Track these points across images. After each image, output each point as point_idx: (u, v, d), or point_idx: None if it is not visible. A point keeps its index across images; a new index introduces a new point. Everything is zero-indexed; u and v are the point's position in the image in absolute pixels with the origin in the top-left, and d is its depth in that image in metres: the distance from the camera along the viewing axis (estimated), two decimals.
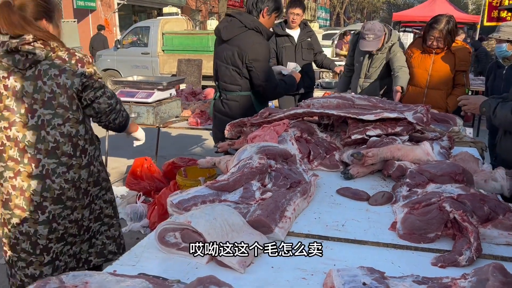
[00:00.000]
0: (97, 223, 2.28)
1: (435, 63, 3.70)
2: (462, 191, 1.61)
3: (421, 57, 3.79)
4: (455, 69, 3.65)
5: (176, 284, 1.11)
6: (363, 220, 1.67)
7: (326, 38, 15.64)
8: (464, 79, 3.64)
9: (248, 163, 1.88)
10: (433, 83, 3.71)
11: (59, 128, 2.03)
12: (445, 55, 3.67)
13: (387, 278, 1.20)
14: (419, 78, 3.79)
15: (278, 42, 4.78)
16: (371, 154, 2.04)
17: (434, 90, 3.72)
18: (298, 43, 4.77)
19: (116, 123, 2.23)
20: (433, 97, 3.68)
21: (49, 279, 1.02)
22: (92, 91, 2.08)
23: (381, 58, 4.07)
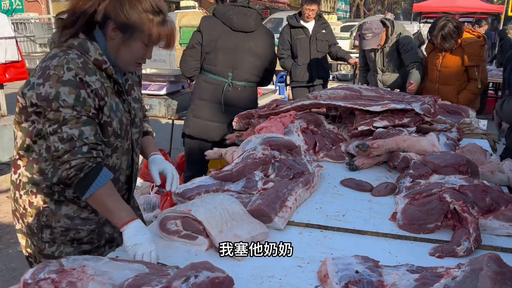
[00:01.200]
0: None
1: (444, 59, 3.66)
2: (465, 182, 1.60)
3: (433, 53, 3.79)
4: (465, 65, 3.58)
5: (171, 269, 1.14)
6: (364, 211, 1.68)
7: (345, 30, 15.42)
8: (476, 73, 3.58)
9: (252, 154, 1.90)
10: (443, 79, 3.68)
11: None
12: (455, 51, 3.61)
13: (381, 267, 1.21)
14: (431, 73, 3.80)
15: (292, 34, 4.79)
16: (376, 145, 2.04)
17: (445, 85, 3.68)
18: (312, 35, 4.77)
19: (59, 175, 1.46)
20: (444, 92, 3.64)
21: (50, 262, 1.07)
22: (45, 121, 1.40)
23: (391, 49, 4.03)
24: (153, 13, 1.42)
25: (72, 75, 1.36)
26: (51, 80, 1.35)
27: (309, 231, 1.54)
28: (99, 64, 1.45)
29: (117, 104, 1.53)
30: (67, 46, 1.42)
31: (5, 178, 4.84)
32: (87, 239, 1.58)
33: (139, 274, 1.04)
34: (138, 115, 1.66)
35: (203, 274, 1.03)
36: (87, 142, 1.37)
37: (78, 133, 1.36)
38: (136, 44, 1.46)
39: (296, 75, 4.85)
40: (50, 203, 1.53)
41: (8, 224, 3.79)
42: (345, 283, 1.13)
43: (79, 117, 1.36)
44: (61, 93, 1.34)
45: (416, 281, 1.11)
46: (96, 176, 1.37)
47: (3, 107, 4.58)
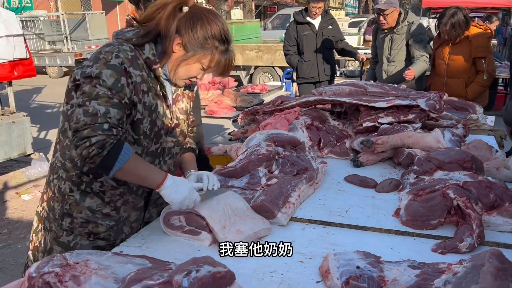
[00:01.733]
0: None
1: (452, 52, 3.65)
2: (469, 178, 1.59)
3: (441, 47, 3.77)
4: (472, 56, 3.56)
5: (173, 263, 1.15)
6: (367, 207, 1.68)
7: (353, 26, 15.35)
8: (484, 65, 3.55)
9: (256, 150, 1.91)
10: (451, 72, 3.66)
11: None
12: (461, 43, 3.60)
13: (383, 262, 1.21)
14: (439, 68, 3.78)
15: (298, 30, 4.77)
16: (381, 141, 2.03)
17: (453, 79, 3.66)
18: (318, 31, 4.74)
19: (78, 154, 1.39)
20: (452, 85, 3.62)
21: (54, 256, 1.08)
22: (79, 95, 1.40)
23: (400, 39, 3.98)
24: (219, 41, 1.46)
25: (118, 62, 1.40)
26: (99, 63, 1.39)
27: (312, 227, 1.55)
28: (149, 63, 1.49)
29: (158, 105, 1.53)
30: (125, 39, 1.47)
31: (14, 174, 4.91)
32: (104, 234, 1.58)
33: (141, 268, 1.06)
34: (181, 126, 1.66)
35: (205, 269, 1.04)
36: (109, 121, 1.36)
37: (104, 111, 1.35)
38: (194, 65, 1.49)
39: (303, 71, 4.83)
40: (76, 192, 1.53)
41: (17, 220, 3.85)
42: (346, 279, 1.13)
43: (111, 98, 1.37)
44: (103, 73, 1.37)
45: (417, 276, 1.11)
46: (119, 151, 1.36)
47: (12, 104, 4.64)
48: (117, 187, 1.55)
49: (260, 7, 22.51)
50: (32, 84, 10.40)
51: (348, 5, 37.29)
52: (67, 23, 12.23)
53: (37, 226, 1.65)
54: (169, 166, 1.66)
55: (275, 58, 9.57)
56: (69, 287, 0.97)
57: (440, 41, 3.79)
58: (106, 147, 1.34)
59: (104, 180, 1.53)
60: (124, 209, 1.60)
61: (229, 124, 6.93)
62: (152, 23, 1.47)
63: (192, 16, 1.45)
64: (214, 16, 1.46)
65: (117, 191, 1.56)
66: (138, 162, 1.44)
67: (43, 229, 1.61)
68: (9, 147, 4.40)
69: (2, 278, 2.99)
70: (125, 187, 1.56)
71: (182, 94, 1.67)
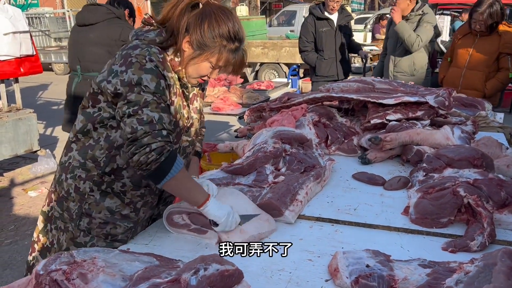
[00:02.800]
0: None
1: (478, 43, 3.53)
2: (480, 176, 1.56)
3: (466, 38, 3.64)
4: (499, 51, 3.45)
5: (180, 261, 1.15)
6: (376, 205, 1.66)
7: (359, 23, 15.25)
8: (509, 62, 3.44)
9: (263, 147, 1.90)
10: (473, 63, 3.54)
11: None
12: (490, 36, 3.48)
13: (392, 261, 1.19)
14: (460, 57, 3.64)
15: (317, 26, 4.52)
16: (389, 138, 2.01)
17: (473, 71, 3.54)
18: (337, 27, 4.55)
19: (135, 161, 1.35)
20: (470, 78, 3.52)
21: (61, 253, 1.08)
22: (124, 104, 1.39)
23: (412, 27, 3.93)
24: (228, 39, 1.43)
25: (153, 65, 1.39)
26: (134, 67, 1.37)
27: (320, 225, 1.54)
28: (174, 65, 1.48)
29: (181, 106, 1.53)
30: (149, 40, 1.45)
31: (20, 171, 4.93)
32: (121, 236, 1.56)
33: (148, 266, 1.05)
34: (195, 125, 1.65)
35: (213, 267, 1.03)
36: (165, 127, 1.37)
37: (158, 117, 1.36)
38: (203, 63, 1.46)
39: (322, 69, 4.55)
40: (96, 192, 1.52)
41: (24, 216, 3.86)
42: (356, 277, 1.12)
43: (159, 103, 1.38)
44: (143, 79, 1.37)
45: (428, 275, 1.09)
46: (175, 159, 1.37)
47: (18, 100, 4.65)
48: (138, 188, 1.54)
49: (266, 3, 22.43)
50: (38, 81, 10.43)
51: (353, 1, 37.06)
52: (73, 20, 12.24)
53: (44, 226, 1.62)
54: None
55: (281, 55, 9.53)
56: (77, 284, 0.96)
57: (465, 31, 3.66)
58: (164, 154, 1.34)
59: (126, 180, 1.52)
60: (143, 211, 1.59)
61: (234, 121, 6.91)
62: (171, 23, 1.46)
63: (202, 14, 1.43)
64: (224, 14, 1.44)
65: (138, 192, 1.54)
66: (187, 176, 1.45)
67: (54, 229, 1.59)
68: (16, 144, 4.41)
69: (9, 274, 3.00)
70: (146, 188, 1.55)
71: (197, 94, 1.66)
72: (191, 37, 1.43)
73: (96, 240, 1.54)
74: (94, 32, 3.60)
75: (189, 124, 1.60)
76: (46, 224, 1.62)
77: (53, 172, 4.79)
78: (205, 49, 1.43)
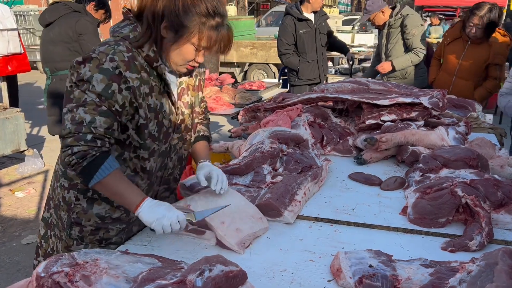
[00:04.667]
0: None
1: (468, 51, 3.46)
2: (476, 176, 1.58)
3: (456, 43, 3.56)
4: (489, 62, 3.41)
5: (184, 263, 1.13)
6: (373, 205, 1.67)
7: (346, 24, 15.36)
8: (498, 72, 3.41)
9: (260, 148, 1.89)
10: (462, 72, 3.49)
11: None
12: (481, 45, 3.41)
13: (394, 261, 1.20)
14: (450, 63, 3.59)
15: (297, 27, 4.33)
16: (385, 139, 2.02)
17: (462, 80, 3.51)
18: (316, 27, 4.42)
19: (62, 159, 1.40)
20: (460, 86, 3.47)
21: (62, 255, 1.06)
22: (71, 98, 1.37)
23: (395, 32, 3.96)
24: (207, 16, 1.33)
25: (112, 66, 1.31)
26: (92, 64, 1.31)
27: (319, 225, 1.54)
28: (150, 61, 1.39)
29: (163, 105, 1.46)
30: (122, 36, 1.38)
31: (7, 171, 4.83)
32: (115, 238, 1.53)
33: (153, 268, 1.04)
34: (186, 121, 1.57)
35: (218, 268, 1.02)
36: (93, 131, 1.30)
37: (89, 119, 1.30)
38: (185, 46, 1.36)
39: (305, 72, 4.41)
40: (82, 200, 1.47)
41: (11, 218, 3.79)
42: (359, 277, 1.12)
43: (99, 106, 1.31)
44: (93, 78, 1.30)
45: (431, 275, 1.10)
46: (100, 164, 1.31)
47: (5, 99, 4.56)
48: None
49: (253, 4, 22.42)
50: (23, 80, 10.25)
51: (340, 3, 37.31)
52: None
53: (46, 232, 1.59)
54: (174, 162, 1.61)
55: (270, 55, 9.54)
56: (80, 287, 0.95)
57: (455, 35, 3.57)
58: (87, 158, 1.30)
59: None
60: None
61: (224, 121, 6.90)
62: (146, 13, 1.36)
63: None
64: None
65: None
66: (119, 179, 1.35)
67: (53, 236, 1.56)
68: (3, 143, 4.32)
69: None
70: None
71: (187, 87, 1.58)
72: (168, 21, 1.33)
73: (90, 247, 1.50)
74: (53, 31, 3.60)
75: (179, 121, 1.54)
76: (47, 230, 1.59)
77: (40, 172, 4.71)
78: (184, 30, 1.34)
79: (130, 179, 1.44)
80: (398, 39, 3.97)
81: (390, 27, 4.00)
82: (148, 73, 1.41)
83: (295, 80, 4.50)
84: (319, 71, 4.47)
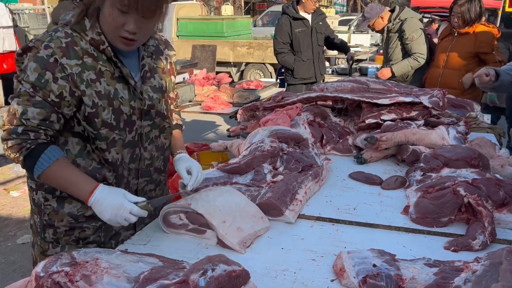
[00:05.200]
0: None
1: (456, 43, 3.63)
2: (477, 175, 1.58)
3: (446, 40, 3.75)
4: (475, 51, 3.55)
5: (186, 262, 1.12)
6: (375, 204, 1.66)
7: (343, 24, 15.39)
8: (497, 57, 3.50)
9: (260, 146, 1.87)
10: (450, 63, 3.65)
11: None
12: (467, 36, 3.59)
13: (398, 260, 1.19)
14: (439, 58, 3.74)
15: (293, 26, 4.37)
16: (385, 138, 2.01)
17: (450, 70, 3.64)
18: (312, 27, 4.45)
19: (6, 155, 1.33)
20: (447, 77, 3.61)
21: (61, 255, 1.04)
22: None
23: (394, 37, 3.98)
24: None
25: (47, 53, 1.26)
26: (31, 52, 1.27)
27: (320, 225, 1.52)
28: (96, 45, 1.32)
29: (117, 91, 1.36)
30: (64, 23, 1.33)
31: (1, 170, 4.79)
32: (93, 237, 1.47)
33: (154, 267, 1.02)
34: (157, 106, 1.48)
35: (220, 268, 1.00)
36: (24, 123, 1.25)
37: (21, 111, 1.25)
38: (109, 10, 1.26)
39: (300, 71, 4.43)
40: (51, 200, 1.42)
41: (6, 217, 3.75)
42: (363, 277, 1.11)
43: (33, 96, 1.26)
44: (28, 67, 1.26)
45: (436, 275, 1.09)
46: (38, 157, 1.27)
47: (1, 98, 4.52)
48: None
49: (250, 3, 22.41)
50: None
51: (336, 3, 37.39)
52: None
53: (32, 240, 1.55)
54: (150, 152, 1.53)
55: (266, 55, 9.54)
56: (81, 287, 0.93)
57: (446, 32, 3.77)
58: (23, 152, 1.26)
59: None
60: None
61: (221, 121, 6.87)
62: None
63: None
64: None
65: None
66: (65, 169, 1.29)
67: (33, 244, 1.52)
68: None
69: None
70: (105, 183, 1.38)
71: (153, 70, 1.48)
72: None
73: (67, 249, 1.44)
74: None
75: (146, 107, 1.44)
76: (32, 237, 1.55)
77: None
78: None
79: (97, 172, 1.39)
80: (397, 44, 4.00)
81: (389, 32, 4.01)
82: (96, 57, 1.34)
83: (291, 79, 4.53)
84: (315, 70, 4.49)
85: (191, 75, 4.19)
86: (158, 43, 1.56)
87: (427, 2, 16.08)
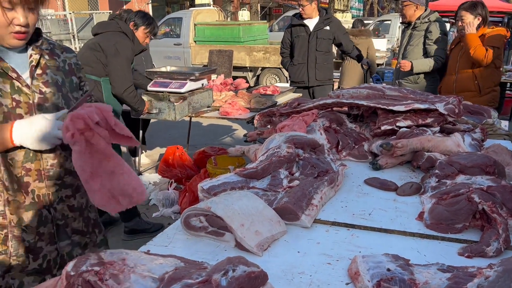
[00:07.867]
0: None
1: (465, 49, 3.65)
2: (492, 182, 1.59)
3: (457, 47, 3.79)
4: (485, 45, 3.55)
5: (207, 263, 1.17)
6: (390, 210, 1.69)
7: None
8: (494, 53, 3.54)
9: (277, 152, 1.92)
10: (462, 66, 3.68)
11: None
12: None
13: (412, 265, 1.22)
14: (452, 67, 3.78)
15: (293, 32, 4.74)
16: (401, 145, 2.04)
17: (463, 74, 3.66)
18: (313, 32, 4.62)
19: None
20: (462, 81, 3.63)
21: (89, 255, 1.10)
22: None
23: (418, 35, 3.99)
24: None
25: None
26: None
27: (335, 229, 1.56)
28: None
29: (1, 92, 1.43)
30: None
31: None
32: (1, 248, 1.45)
33: (178, 267, 1.07)
34: (51, 99, 1.54)
35: (240, 268, 1.05)
36: None
37: None
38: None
39: (292, 75, 4.76)
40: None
41: None
42: (377, 281, 1.14)
43: None
44: None
45: (449, 280, 1.12)
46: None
47: None
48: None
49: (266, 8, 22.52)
50: None
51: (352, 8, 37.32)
52: (75, 22, 12.31)
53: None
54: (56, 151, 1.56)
55: None
56: (110, 285, 0.98)
57: (456, 40, 3.81)
58: None
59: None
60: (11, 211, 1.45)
61: (237, 126, 6.94)
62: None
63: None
64: None
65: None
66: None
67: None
68: None
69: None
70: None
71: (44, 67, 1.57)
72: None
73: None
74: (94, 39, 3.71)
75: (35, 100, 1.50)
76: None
77: None
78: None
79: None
80: (419, 43, 4.00)
81: (414, 29, 4.02)
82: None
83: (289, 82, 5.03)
84: (308, 75, 4.68)
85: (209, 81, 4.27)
86: (54, 47, 1.68)
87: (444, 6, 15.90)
